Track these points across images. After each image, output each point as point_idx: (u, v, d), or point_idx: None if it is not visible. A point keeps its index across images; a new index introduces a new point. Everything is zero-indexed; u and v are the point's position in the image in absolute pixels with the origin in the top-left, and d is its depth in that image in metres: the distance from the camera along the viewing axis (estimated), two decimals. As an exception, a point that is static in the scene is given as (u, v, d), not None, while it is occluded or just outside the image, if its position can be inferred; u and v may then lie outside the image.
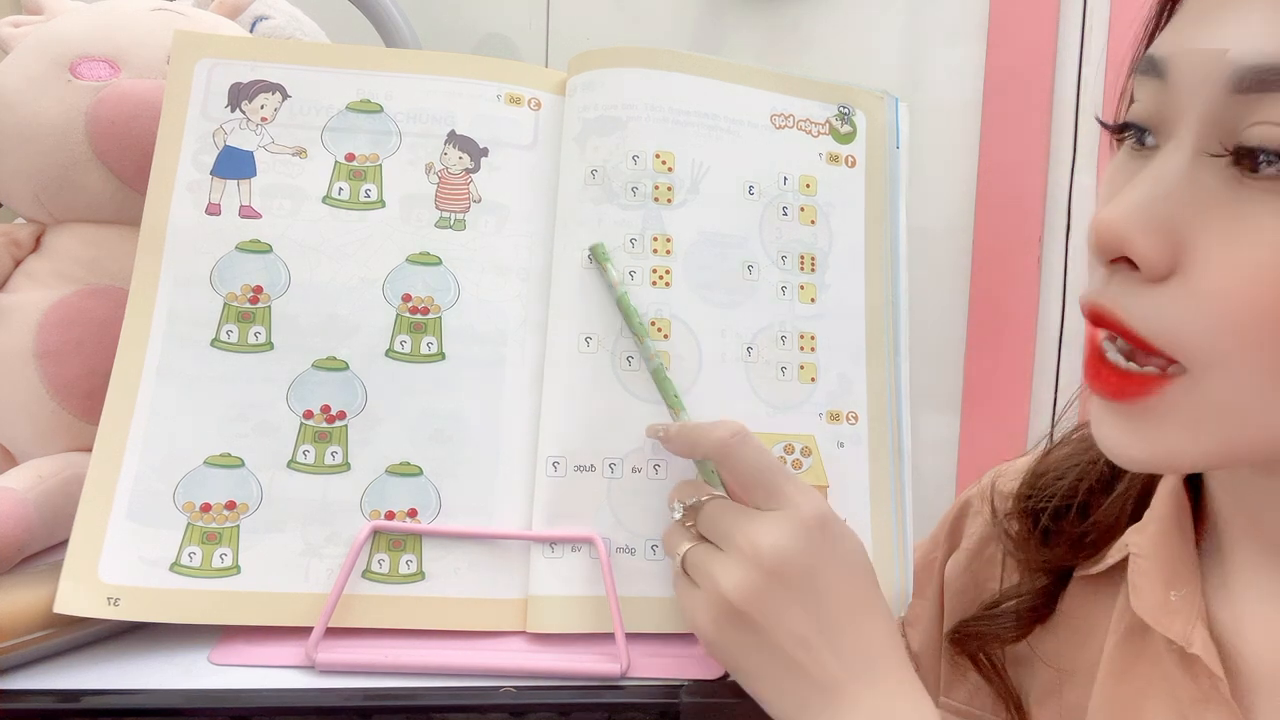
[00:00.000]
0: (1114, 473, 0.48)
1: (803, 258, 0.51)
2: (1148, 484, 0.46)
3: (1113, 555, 0.45)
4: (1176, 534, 0.43)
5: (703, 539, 0.42)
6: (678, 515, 0.43)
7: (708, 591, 0.40)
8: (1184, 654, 0.40)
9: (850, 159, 0.53)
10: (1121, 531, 0.45)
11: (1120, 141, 0.39)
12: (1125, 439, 0.36)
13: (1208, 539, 0.43)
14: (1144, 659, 0.42)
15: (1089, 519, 0.47)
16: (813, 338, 0.50)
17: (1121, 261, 0.35)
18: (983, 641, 0.50)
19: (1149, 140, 0.36)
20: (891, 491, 0.49)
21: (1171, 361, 0.34)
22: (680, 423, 0.45)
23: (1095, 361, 0.36)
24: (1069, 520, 0.48)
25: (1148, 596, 0.42)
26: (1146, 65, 0.36)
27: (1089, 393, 0.38)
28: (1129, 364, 0.35)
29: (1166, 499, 0.44)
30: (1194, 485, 0.44)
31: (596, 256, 0.48)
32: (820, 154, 0.52)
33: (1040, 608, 0.48)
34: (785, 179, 0.51)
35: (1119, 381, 0.35)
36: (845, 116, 0.53)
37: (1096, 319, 0.36)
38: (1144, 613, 0.41)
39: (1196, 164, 0.33)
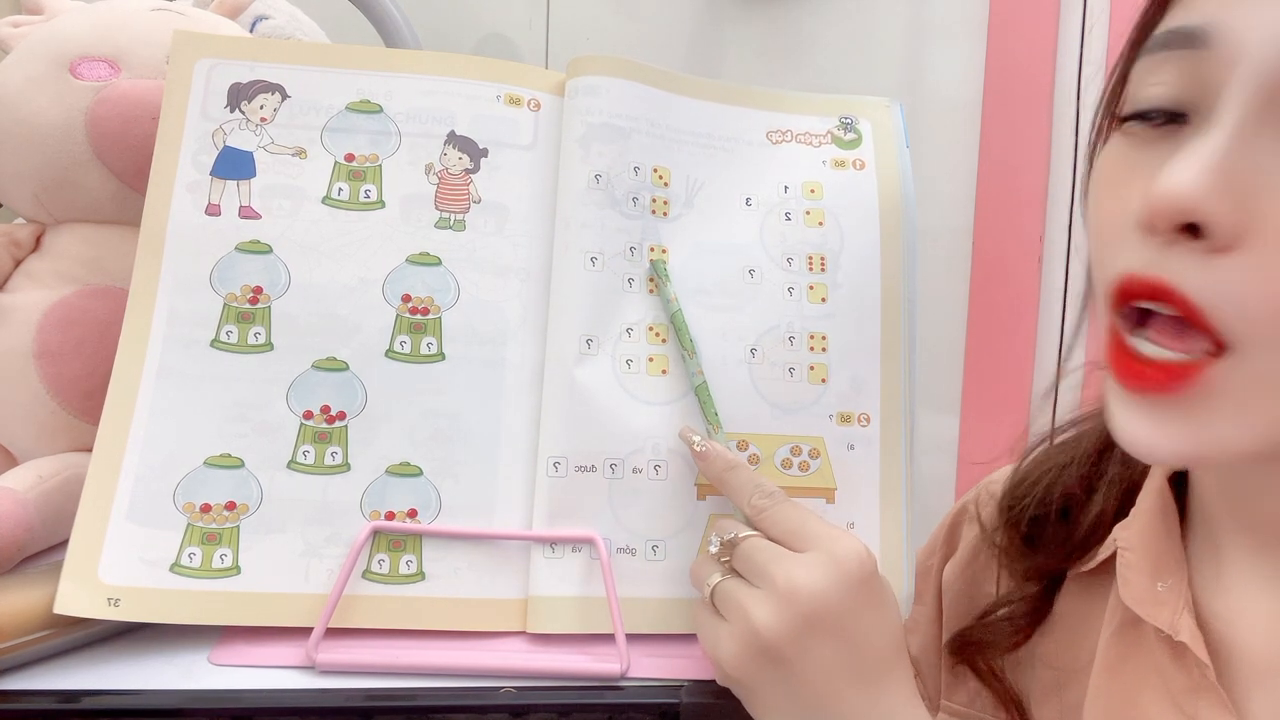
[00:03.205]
0: (1091, 475, 0.47)
1: (811, 258, 0.51)
2: (1131, 482, 0.46)
3: (1103, 552, 0.45)
4: (1161, 527, 0.43)
5: (734, 573, 0.42)
6: (714, 549, 0.43)
7: (737, 625, 0.39)
8: (1174, 644, 0.40)
9: (859, 162, 0.53)
10: (1108, 530, 0.46)
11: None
12: (1157, 435, 0.34)
13: (1198, 530, 0.44)
14: (1137, 652, 0.42)
15: (1070, 522, 0.47)
16: (824, 338, 0.50)
17: (1182, 233, 0.32)
18: (981, 650, 0.50)
19: (1176, 121, 0.34)
20: (901, 495, 0.49)
21: (1218, 343, 0.32)
22: (718, 455, 0.45)
23: (1124, 356, 0.35)
24: (1051, 526, 0.48)
25: (1136, 588, 0.42)
26: (1177, 39, 0.34)
27: (1106, 386, 0.36)
28: (1163, 352, 0.33)
29: (1152, 493, 0.44)
30: (1177, 479, 0.45)
31: (655, 272, 0.48)
32: (824, 161, 0.52)
33: (1034, 612, 0.48)
34: (786, 187, 0.51)
35: (1161, 376, 0.33)
36: (848, 125, 0.53)
37: (1153, 291, 0.33)
38: (1133, 603, 0.42)
39: (1259, 134, 0.31)
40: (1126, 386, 0.35)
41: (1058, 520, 0.47)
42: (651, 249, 0.49)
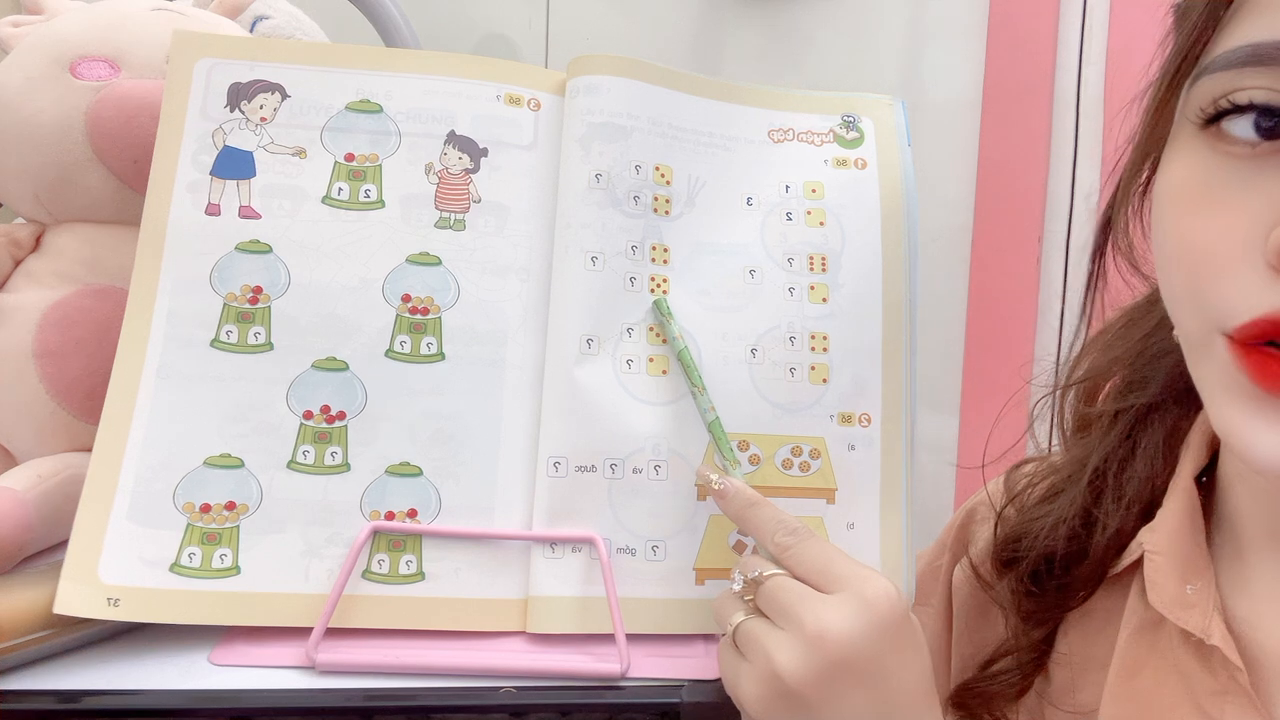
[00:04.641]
0: (1085, 524, 0.46)
1: (812, 258, 0.51)
2: (1150, 499, 0.45)
3: (1127, 556, 0.45)
4: (1189, 530, 0.43)
5: (758, 612, 0.41)
6: (738, 587, 0.42)
7: (759, 667, 0.39)
8: (1201, 647, 0.40)
9: (860, 161, 0.53)
10: (1113, 560, 0.45)
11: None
12: None
13: (1222, 534, 0.43)
14: (1156, 654, 0.42)
15: (1071, 573, 0.46)
16: (825, 338, 0.50)
17: None
18: (986, 702, 0.49)
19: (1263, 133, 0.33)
20: (902, 495, 0.49)
21: None
22: (738, 493, 0.44)
23: (1267, 359, 0.32)
24: (1054, 575, 0.47)
25: (1164, 591, 0.42)
26: (1275, 52, 0.32)
27: (1226, 409, 0.34)
28: None
29: (1179, 497, 0.44)
30: (1200, 482, 0.44)
31: (659, 311, 0.48)
32: (826, 160, 0.52)
33: (1040, 656, 0.48)
34: (787, 187, 0.51)
35: None
36: (850, 124, 0.53)
37: None
38: (1162, 606, 0.41)
39: None
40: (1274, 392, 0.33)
41: (1061, 570, 0.47)
42: (654, 247, 0.49)
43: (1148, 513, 0.45)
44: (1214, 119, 0.34)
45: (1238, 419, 0.34)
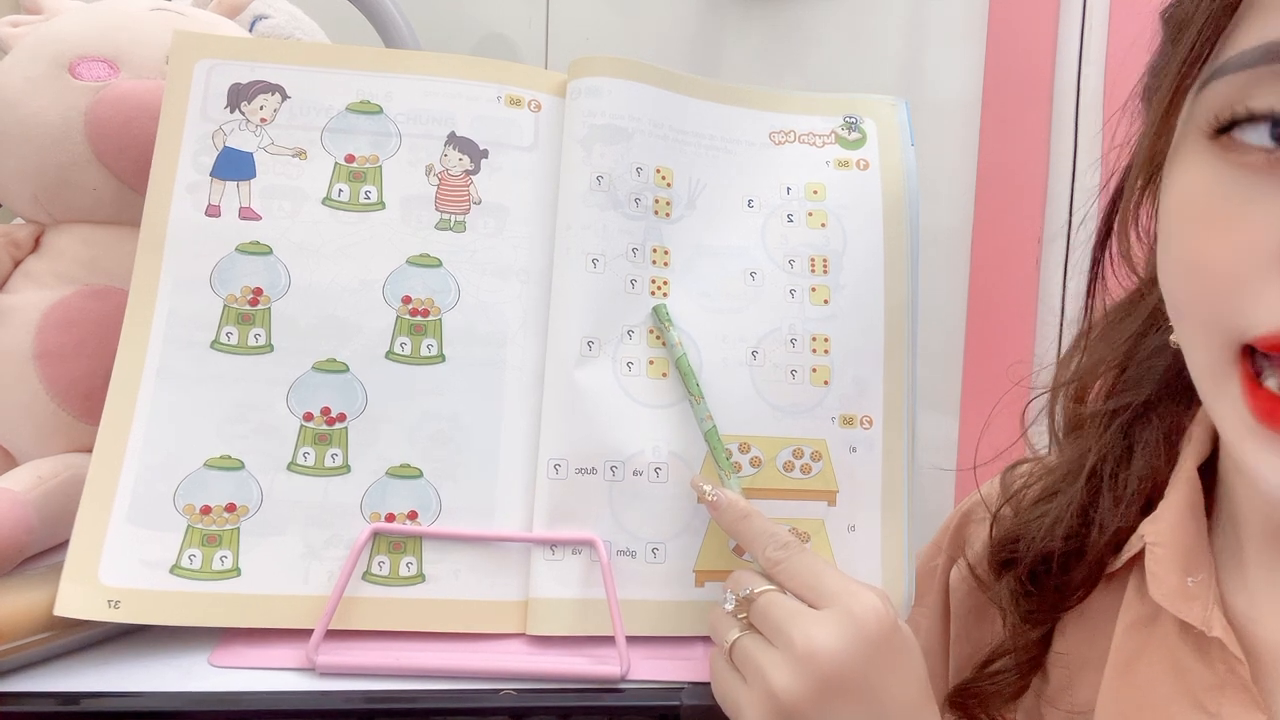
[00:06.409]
0: (1083, 523, 0.46)
1: (813, 260, 0.50)
2: (1150, 494, 0.45)
3: (1128, 550, 0.45)
4: (1191, 522, 0.43)
5: (753, 628, 0.41)
6: (730, 606, 0.42)
7: (756, 689, 0.39)
8: (1199, 640, 0.40)
9: (862, 162, 0.52)
10: (1111, 558, 0.45)
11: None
12: None
13: (1222, 527, 0.43)
14: (1151, 648, 0.42)
15: (1069, 571, 0.46)
16: (826, 340, 0.50)
17: None
18: (983, 702, 0.49)
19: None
20: (903, 497, 0.49)
21: None
22: (731, 505, 0.44)
23: (1271, 400, 0.32)
24: (1052, 575, 0.47)
25: (1165, 583, 0.41)
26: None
27: (1235, 436, 0.34)
28: None
29: (1181, 488, 0.44)
30: (1203, 474, 0.44)
31: (658, 318, 0.48)
32: (828, 161, 0.52)
33: (1037, 656, 0.48)
34: (789, 189, 0.51)
35: None
36: (852, 125, 0.53)
37: None
38: (1162, 598, 0.41)
39: None
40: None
41: (1059, 571, 0.47)
42: (654, 249, 0.49)
43: (1146, 509, 0.45)
44: (1226, 128, 0.33)
45: (1249, 452, 0.34)
